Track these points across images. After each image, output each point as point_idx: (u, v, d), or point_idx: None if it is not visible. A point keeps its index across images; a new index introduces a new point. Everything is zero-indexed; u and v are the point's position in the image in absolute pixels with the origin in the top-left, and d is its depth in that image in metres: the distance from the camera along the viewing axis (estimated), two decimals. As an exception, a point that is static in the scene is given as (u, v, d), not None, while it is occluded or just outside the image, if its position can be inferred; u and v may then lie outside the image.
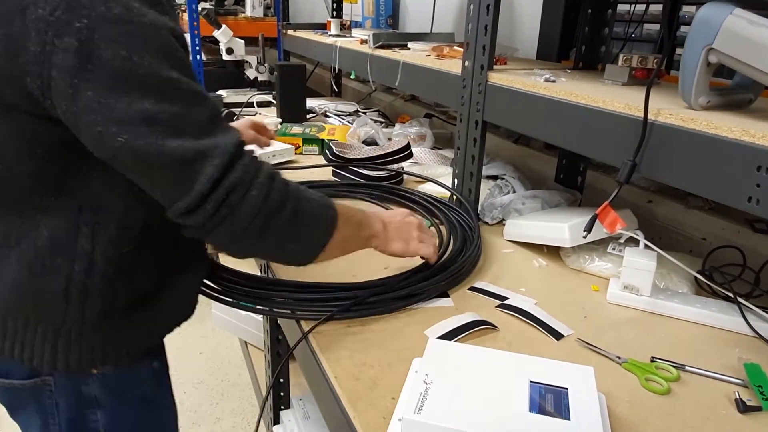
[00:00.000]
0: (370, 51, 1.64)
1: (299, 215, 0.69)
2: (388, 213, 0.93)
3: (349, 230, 0.79)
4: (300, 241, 0.73)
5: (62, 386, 0.77)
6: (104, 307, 0.72)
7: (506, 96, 1.03)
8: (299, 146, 1.77)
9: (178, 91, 0.62)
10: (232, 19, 2.64)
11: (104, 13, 0.57)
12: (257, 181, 0.65)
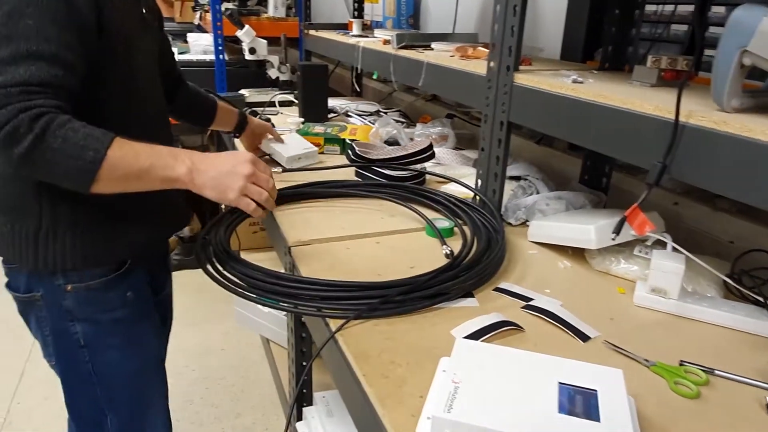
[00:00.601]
0: (393, 51, 1.64)
1: (40, 150, 0.80)
2: (218, 160, 0.92)
3: (125, 176, 0.85)
4: (62, 166, 0.82)
5: (48, 300, 1.00)
6: (73, 215, 0.92)
7: (533, 97, 1.03)
8: (321, 145, 1.79)
9: None
10: (254, 19, 2.66)
11: None
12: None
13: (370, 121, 2.20)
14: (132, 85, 1.00)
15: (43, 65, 0.81)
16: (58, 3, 0.82)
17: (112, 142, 0.84)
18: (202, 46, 3.13)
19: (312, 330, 0.97)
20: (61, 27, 0.83)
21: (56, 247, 0.96)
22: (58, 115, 0.81)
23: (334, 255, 1.08)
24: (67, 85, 0.84)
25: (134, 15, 1.01)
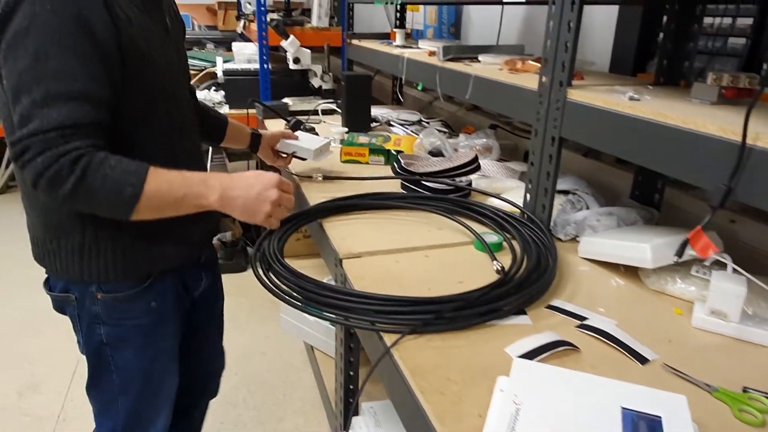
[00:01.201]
0: (439, 63, 1.65)
1: (81, 190, 0.87)
2: (246, 184, 0.98)
3: (161, 205, 0.94)
4: (106, 202, 0.91)
5: (80, 302, 1.08)
6: (112, 234, 1.00)
7: (587, 113, 1.03)
8: (365, 155, 1.81)
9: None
10: (298, 29, 2.72)
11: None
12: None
13: (412, 131, 2.21)
14: (157, 99, 1.04)
15: (74, 105, 0.86)
16: (78, 36, 0.86)
17: (147, 176, 0.91)
18: (246, 54, 3.20)
19: (364, 343, 0.99)
20: (85, 60, 0.87)
21: (97, 262, 1.04)
22: (95, 155, 0.88)
23: (384, 268, 1.09)
24: (98, 121, 0.90)
25: (156, 27, 1.05)
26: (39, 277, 1.11)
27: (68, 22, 0.85)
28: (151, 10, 1.04)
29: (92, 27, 0.87)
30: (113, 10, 0.91)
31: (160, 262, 1.10)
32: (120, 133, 0.96)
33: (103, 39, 0.89)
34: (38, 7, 0.84)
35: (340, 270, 1.11)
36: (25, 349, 2.35)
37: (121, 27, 0.92)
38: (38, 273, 1.09)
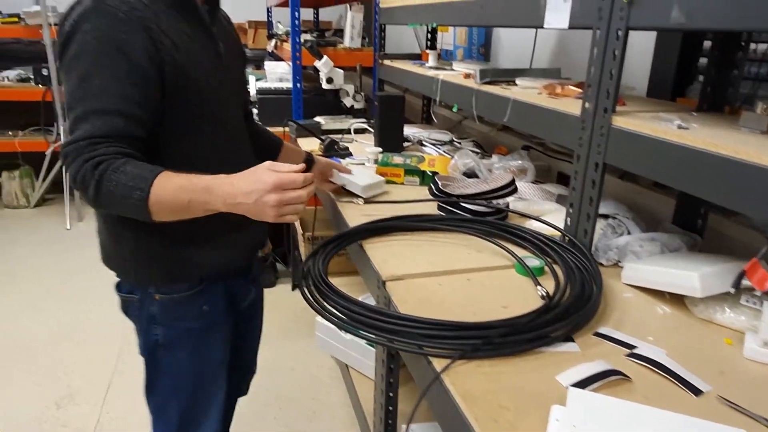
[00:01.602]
0: (475, 86, 1.67)
1: (102, 193, 0.94)
2: (244, 191, 0.95)
3: (172, 209, 0.97)
4: (120, 204, 0.96)
5: (141, 303, 1.16)
6: (161, 239, 1.06)
7: (633, 141, 1.03)
8: (400, 176, 1.83)
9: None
10: (331, 49, 2.77)
11: None
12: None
13: (444, 151, 2.23)
14: (202, 119, 1.10)
15: (107, 119, 0.95)
16: (120, 62, 0.96)
17: (154, 180, 0.95)
18: (278, 73, 3.27)
19: (410, 366, 0.99)
20: (123, 83, 0.97)
21: (150, 265, 1.13)
22: (114, 161, 0.94)
23: (427, 291, 1.10)
24: (128, 134, 0.98)
25: (206, 53, 1.11)
26: (74, 289, 1.17)
27: (110, 48, 0.96)
28: (201, 38, 1.11)
29: (131, 53, 0.97)
30: (156, 38, 0.99)
31: (205, 267, 1.17)
32: (166, 150, 1.05)
33: (141, 63, 0.98)
34: (88, 36, 0.96)
35: (384, 292, 1.12)
36: (60, 359, 2.41)
37: (164, 52, 1.00)
38: (73, 284, 1.16)
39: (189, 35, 1.07)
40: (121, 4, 0.97)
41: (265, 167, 0.96)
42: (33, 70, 3.96)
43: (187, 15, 1.08)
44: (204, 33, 1.11)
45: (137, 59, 0.97)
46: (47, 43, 3.70)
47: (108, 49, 0.96)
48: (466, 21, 2.23)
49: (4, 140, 4.05)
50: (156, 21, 1.00)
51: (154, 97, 1.01)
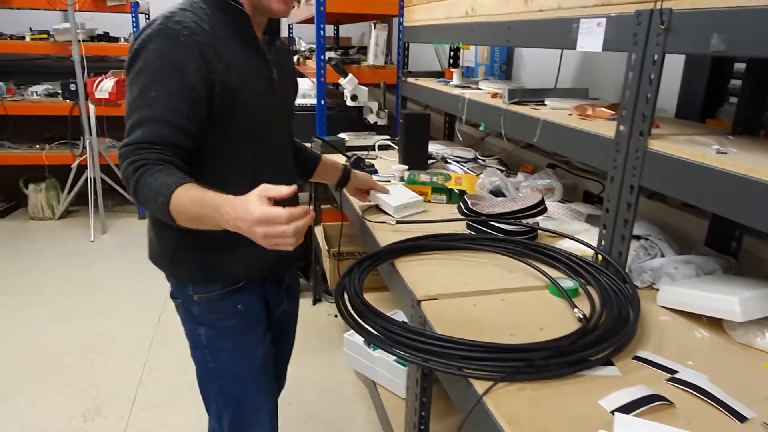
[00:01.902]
0: (504, 106, 1.69)
1: (138, 193, 1.03)
2: (236, 222, 0.93)
3: (190, 218, 1.01)
4: (149, 206, 1.05)
5: (184, 306, 1.26)
6: (196, 240, 1.10)
7: (670, 164, 1.04)
8: (427, 194, 1.84)
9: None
10: (355, 67, 2.81)
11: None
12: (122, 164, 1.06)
13: (469, 169, 2.24)
14: (247, 135, 1.19)
15: (154, 127, 1.05)
16: (174, 79, 1.06)
17: (176, 189, 1.00)
18: (302, 90, 3.31)
19: (447, 388, 1.00)
20: (174, 98, 1.06)
21: (188, 264, 1.23)
22: (153, 167, 1.02)
23: (462, 311, 1.11)
24: (173, 142, 1.06)
25: (259, 77, 1.20)
26: (98, 301, 1.21)
27: (167, 66, 1.06)
28: (256, 64, 1.20)
29: (185, 71, 1.07)
30: (210, 60, 1.09)
31: (237, 270, 1.24)
32: (211, 162, 1.15)
33: (192, 81, 1.07)
34: (151, 55, 1.07)
35: (419, 311, 1.13)
36: (86, 371, 2.44)
37: (216, 74, 1.09)
38: (97, 297, 1.19)
39: (244, 60, 1.16)
40: (183, 29, 1.08)
41: (255, 195, 0.92)
42: (61, 86, 4.05)
43: (246, 43, 1.17)
44: (260, 59, 1.20)
45: (190, 77, 1.07)
46: (76, 59, 3.79)
47: (166, 67, 1.06)
48: (493, 42, 2.26)
49: (32, 153, 4.15)
50: (213, 45, 1.10)
51: (202, 113, 1.10)
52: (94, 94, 3.90)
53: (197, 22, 1.10)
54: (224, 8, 1.15)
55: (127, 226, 4.21)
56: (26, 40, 4.19)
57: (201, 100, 1.09)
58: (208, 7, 1.14)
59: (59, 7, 3.96)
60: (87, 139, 3.91)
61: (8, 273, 3.35)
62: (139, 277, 3.32)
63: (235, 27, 1.16)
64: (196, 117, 1.09)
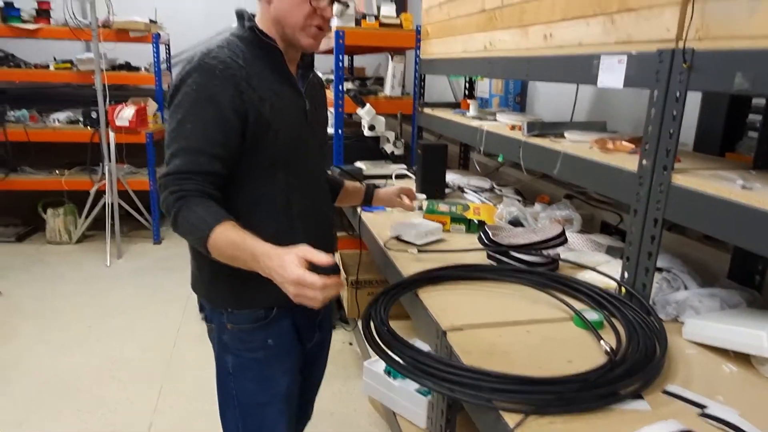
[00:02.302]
0: (523, 138, 1.72)
1: (178, 224, 1.09)
2: (272, 271, 0.98)
3: (224, 256, 1.07)
4: (187, 237, 1.11)
5: (216, 331, 1.31)
6: (229, 269, 1.08)
7: (696, 199, 1.05)
8: (447, 224, 1.86)
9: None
10: (373, 98, 2.86)
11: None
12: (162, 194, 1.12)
13: (486, 198, 2.26)
14: (278, 163, 1.23)
15: (192, 157, 1.11)
16: (210, 111, 1.13)
17: (215, 228, 1.05)
18: (318, 119, 3.37)
19: (475, 420, 1.00)
20: (209, 128, 1.13)
21: (223, 290, 1.26)
22: (192, 198, 1.09)
23: (488, 342, 1.12)
24: (209, 171, 1.12)
25: (291, 109, 1.25)
26: (115, 326, 1.23)
27: (203, 99, 1.13)
28: (289, 96, 1.25)
29: (219, 103, 1.13)
30: (244, 92, 1.15)
31: (270, 296, 1.15)
32: (243, 187, 1.21)
33: (227, 112, 1.14)
34: (188, 88, 1.14)
35: (445, 342, 1.14)
36: (104, 397, 2.44)
37: (249, 104, 1.16)
38: (114, 322, 1.21)
39: (277, 93, 1.22)
40: (218, 63, 1.15)
41: (294, 255, 0.96)
42: (82, 113, 4.15)
43: (279, 77, 1.24)
44: (293, 92, 1.27)
45: (224, 109, 1.14)
46: (98, 88, 3.88)
47: (202, 100, 1.14)
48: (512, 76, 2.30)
49: (52, 179, 4.23)
50: (247, 78, 1.16)
51: (236, 141, 1.16)
52: (114, 121, 3.99)
53: (232, 58, 1.17)
54: (258, 45, 1.22)
55: (141, 251, 4.25)
56: (50, 69, 4.32)
57: (235, 129, 1.15)
58: (244, 44, 1.21)
59: (84, 38, 4.08)
60: (106, 166, 3.98)
61: (25, 297, 3.38)
62: (154, 303, 3.34)
63: (269, 62, 1.22)
64: (231, 145, 1.16)
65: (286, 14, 1.20)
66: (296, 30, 1.21)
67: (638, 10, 1.21)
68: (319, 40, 1.26)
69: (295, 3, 1.19)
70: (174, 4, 4.92)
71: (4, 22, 4.06)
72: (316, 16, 1.21)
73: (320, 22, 1.22)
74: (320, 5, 1.20)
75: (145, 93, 4.61)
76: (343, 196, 1.62)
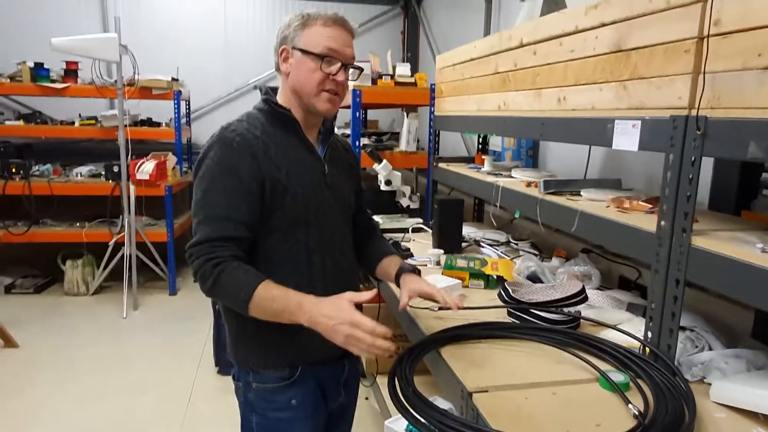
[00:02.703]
0: (540, 195, 1.76)
1: (217, 290, 1.18)
2: (326, 315, 1.11)
3: (266, 313, 1.17)
4: (227, 301, 1.22)
5: (243, 390, 1.35)
6: (255, 327, 1.21)
7: (716, 261, 1.07)
8: (465, 279, 1.88)
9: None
10: (389, 153, 2.94)
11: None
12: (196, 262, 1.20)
13: (503, 252, 2.29)
14: (298, 224, 1.29)
15: (219, 224, 1.20)
16: (231, 180, 1.22)
17: (256, 289, 1.15)
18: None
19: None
20: (231, 196, 1.22)
21: (248, 347, 1.31)
22: (229, 264, 1.17)
23: (514, 404, 1.12)
24: (237, 236, 1.21)
25: (309, 172, 1.32)
26: (131, 379, 1.25)
27: (224, 170, 1.23)
28: (307, 160, 1.32)
29: (238, 172, 1.22)
30: (261, 161, 1.24)
31: (295, 356, 1.31)
32: (266, 247, 1.28)
33: (247, 180, 1.23)
34: (210, 161, 1.24)
35: (470, 403, 1.14)
36: (118, 454, 2.42)
37: (265, 172, 1.24)
38: (130, 375, 1.24)
39: (293, 158, 1.30)
40: (236, 136, 1.24)
41: (346, 299, 1.12)
42: (105, 167, 4.27)
43: (296, 143, 1.32)
44: (311, 156, 1.34)
45: (243, 177, 1.22)
46: (121, 144, 4.01)
47: (223, 170, 1.23)
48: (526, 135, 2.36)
49: (73, 231, 4.31)
50: (264, 148, 1.25)
51: (257, 206, 1.25)
52: (135, 175, 4.11)
53: (249, 130, 1.27)
54: (275, 115, 1.32)
55: (157, 302, 4.28)
56: (75, 126, 4.48)
57: (255, 196, 1.24)
58: (263, 116, 1.32)
59: (109, 95, 4.26)
60: (126, 218, 4.06)
61: (43, 349, 3.40)
62: (169, 355, 3.34)
63: (286, 130, 1.31)
64: (253, 210, 1.24)
65: (302, 83, 1.28)
66: (311, 97, 1.29)
67: (650, 79, 1.27)
68: (336, 104, 1.32)
69: (308, 71, 1.27)
70: (195, 62, 5.13)
71: (34, 81, 4.25)
72: (330, 81, 1.28)
73: (334, 87, 1.29)
74: (332, 71, 1.27)
75: (165, 147, 4.75)
76: (380, 271, 1.51)
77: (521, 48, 1.89)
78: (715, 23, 1.08)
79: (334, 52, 1.26)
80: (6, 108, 4.90)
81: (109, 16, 4.98)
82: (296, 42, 1.27)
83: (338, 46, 1.27)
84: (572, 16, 1.58)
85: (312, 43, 1.26)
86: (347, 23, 1.30)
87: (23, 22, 4.88)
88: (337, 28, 1.27)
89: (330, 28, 1.27)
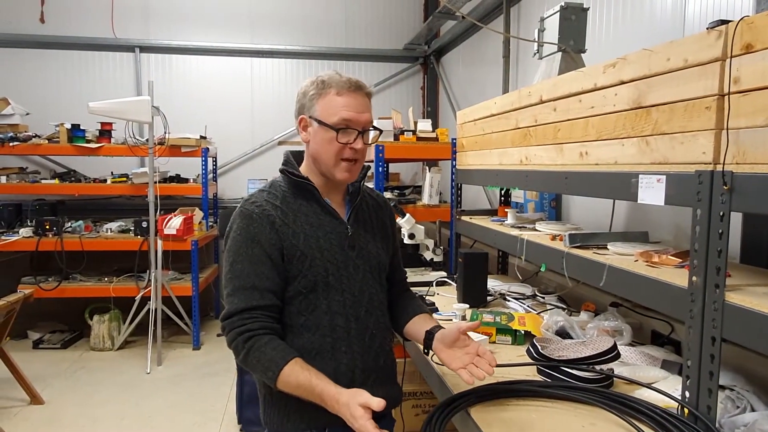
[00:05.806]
0: (566, 249, 1.75)
1: (248, 364, 1.26)
2: (339, 411, 1.14)
3: (293, 391, 1.22)
4: (258, 376, 1.30)
5: None
6: (279, 393, 1.25)
7: (753, 319, 1.05)
8: (493, 335, 1.85)
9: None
10: (411, 207, 2.97)
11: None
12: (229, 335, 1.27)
13: (529, 306, 2.25)
14: (318, 287, 1.31)
15: (248, 294, 1.26)
16: (254, 250, 1.29)
17: (284, 368, 1.20)
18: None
19: None
20: (255, 264, 1.28)
21: (274, 411, 1.34)
22: (260, 339, 1.24)
23: (549, 469, 1.08)
24: (264, 305, 1.27)
25: (328, 235, 1.34)
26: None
27: (247, 240, 1.30)
28: (327, 224, 1.36)
29: (261, 241, 1.29)
30: (279, 229, 1.30)
31: (318, 420, 1.29)
32: (292, 311, 1.32)
33: (268, 248, 1.29)
34: (235, 234, 1.32)
35: (504, 470, 1.11)
36: None
37: (284, 239, 1.30)
38: (150, 429, 1.21)
39: (312, 223, 1.34)
40: (255, 208, 1.32)
41: (357, 404, 1.12)
42: (134, 223, 4.38)
43: (317, 208, 1.36)
44: (332, 219, 1.37)
45: (264, 246, 1.29)
46: (150, 200, 4.13)
47: (246, 241, 1.30)
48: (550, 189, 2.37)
49: (101, 286, 4.39)
50: (282, 217, 1.31)
51: (281, 272, 1.30)
52: (163, 230, 4.20)
53: (269, 200, 1.33)
54: (295, 184, 1.37)
55: (181, 356, 4.27)
56: (107, 183, 4.64)
57: (277, 262, 1.30)
58: (285, 184, 1.38)
59: (140, 154, 4.42)
60: (152, 272, 4.13)
61: (67, 405, 3.40)
62: (191, 412, 3.31)
63: (305, 196, 1.36)
64: (277, 277, 1.30)
65: (320, 153, 1.32)
66: (330, 167, 1.32)
67: (672, 135, 1.28)
68: (354, 172, 1.35)
69: (325, 142, 1.31)
70: (222, 119, 5.31)
71: (70, 141, 4.45)
72: (347, 149, 1.30)
73: (352, 156, 1.31)
74: (349, 140, 1.30)
75: (192, 202, 4.87)
76: (409, 332, 1.47)
77: (541, 104, 1.93)
78: (735, 81, 1.10)
79: (350, 122, 1.29)
80: (42, 167, 5.11)
81: (142, 79, 5.23)
82: (313, 112, 1.31)
83: (353, 114, 1.28)
84: (591, 74, 1.62)
85: (327, 114, 1.29)
86: (362, 87, 1.32)
87: (62, 85, 5.15)
88: (351, 94, 1.29)
89: (344, 97, 1.29)
